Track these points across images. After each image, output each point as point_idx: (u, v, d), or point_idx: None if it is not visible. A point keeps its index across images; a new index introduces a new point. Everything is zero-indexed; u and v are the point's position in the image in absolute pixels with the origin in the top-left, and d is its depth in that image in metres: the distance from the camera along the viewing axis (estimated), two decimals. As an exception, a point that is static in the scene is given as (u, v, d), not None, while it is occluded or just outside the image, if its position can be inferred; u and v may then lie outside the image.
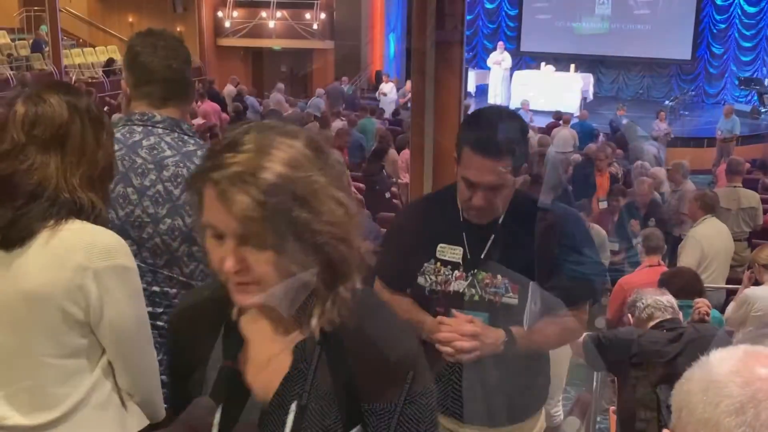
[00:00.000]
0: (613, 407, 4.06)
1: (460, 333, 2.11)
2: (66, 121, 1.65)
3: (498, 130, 2.11)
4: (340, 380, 1.23)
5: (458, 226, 2.25)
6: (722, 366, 1.05)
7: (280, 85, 17.50)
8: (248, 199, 1.11)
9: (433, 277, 2.26)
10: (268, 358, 1.27)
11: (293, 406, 1.22)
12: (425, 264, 2.27)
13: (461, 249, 2.24)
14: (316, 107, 15.79)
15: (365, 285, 1.27)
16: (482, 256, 2.22)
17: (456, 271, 2.24)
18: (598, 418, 4.59)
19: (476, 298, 2.22)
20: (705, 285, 5.20)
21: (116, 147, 1.89)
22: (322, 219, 1.15)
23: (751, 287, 4.94)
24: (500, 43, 19.51)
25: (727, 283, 5.95)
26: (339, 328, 1.22)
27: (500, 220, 2.23)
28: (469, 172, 2.12)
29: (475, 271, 2.22)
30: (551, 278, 2.19)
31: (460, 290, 2.24)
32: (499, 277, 2.20)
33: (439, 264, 2.26)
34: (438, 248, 2.26)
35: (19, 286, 1.59)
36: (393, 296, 2.37)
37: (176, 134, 2.08)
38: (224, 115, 13.96)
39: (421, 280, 2.28)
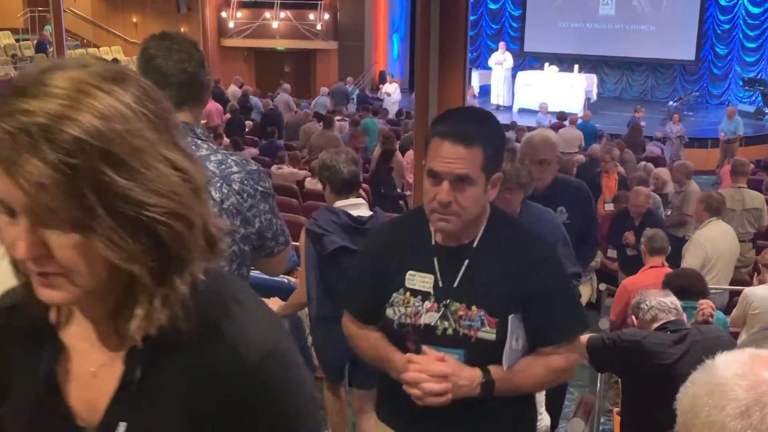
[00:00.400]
0: (616, 408, 4.06)
1: (429, 373, 1.88)
2: None
3: (468, 119, 1.94)
4: (177, 399, 0.96)
5: (429, 250, 2.01)
6: (728, 369, 1.04)
7: (287, 86, 17.54)
8: (39, 162, 0.83)
9: (402, 309, 2.01)
10: (94, 370, 1.00)
11: (121, 430, 0.97)
12: (394, 294, 2.03)
13: (432, 276, 1.99)
14: (322, 106, 15.85)
15: (214, 274, 1.00)
16: (455, 284, 1.97)
17: (426, 302, 1.99)
18: (602, 419, 4.59)
19: (449, 332, 1.97)
20: (709, 287, 5.20)
21: None
22: (149, 187, 0.88)
23: (751, 286, 4.95)
24: (502, 44, 19.51)
25: (732, 284, 5.93)
26: (173, 332, 0.93)
27: (475, 243, 2.00)
28: (435, 161, 1.89)
29: (448, 301, 1.97)
30: (535, 309, 1.97)
31: (432, 323, 1.98)
32: (474, 308, 1.95)
33: (408, 294, 2.01)
34: (407, 276, 2.02)
35: None
36: (360, 330, 2.17)
37: (189, 139, 2.06)
38: (228, 116, 13.99)
39: (389, 312, 2.04)
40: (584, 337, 3.51)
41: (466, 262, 1.98)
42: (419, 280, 2.00)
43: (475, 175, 1.88)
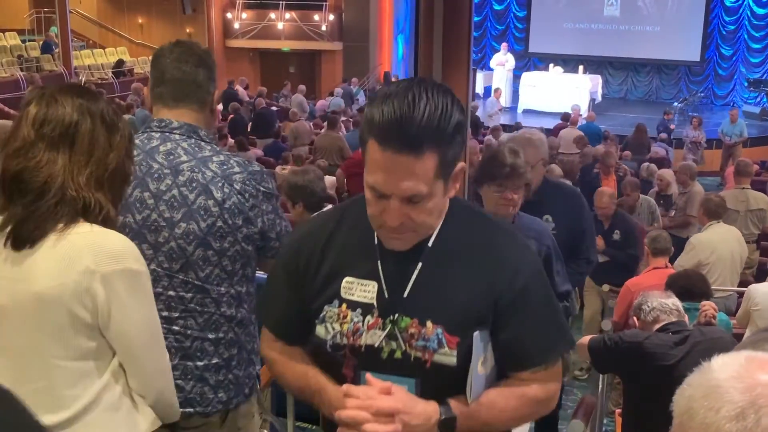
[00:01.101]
0: (619, 410, 4.06)
1: (372, 410, 1.46)
2: (76, 121, 1.66)
3: (414, 106, 1.40)
4: None
5: (372, 251, 1.58)
6: (723, 371, 1.04)
7: (302, 87, 17.67)
8: None
9: (336, 326, 1.59)
10: None
11: None
12: (326, 307, 1.61)
13: (375, 284, 1.58)
14: (337, 106, 15.95)
15: None
16: (405, 294, 1.56)
17: (368, 317, 1.57)
18: (605, 420, 4.59)
19: (398, 355, 1.55)
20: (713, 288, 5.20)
21: (134, 153, 1.92)
22: None
23: (754, 283, 4.96)
24: (504, 45, 19.54)
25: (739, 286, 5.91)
26: None
27: (431, 241, 1.57)
28: (375, 175, 1.45)
29: (396, 316, 1.55)
30: (508, 324, 1.56)
31: (375, 344, 1.56)
32: (429, 324, 1.54)
33: (344, 306, 1.59)
34: (343, 284, 1.60)
35: (28, 287, 1.61)
36: (282, 356, 1.72)
37: (193, 140, 2.12)
38: (231, 116, 14.05)
39: (320, 330, 1.62)
40: (586, 339, 3.52)
41: (419, 266, 1.57)
42: (359, 289, 1.60)
43: (431, 187, 1.46)
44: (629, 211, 7.17)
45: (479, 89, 19.21)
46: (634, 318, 3.44)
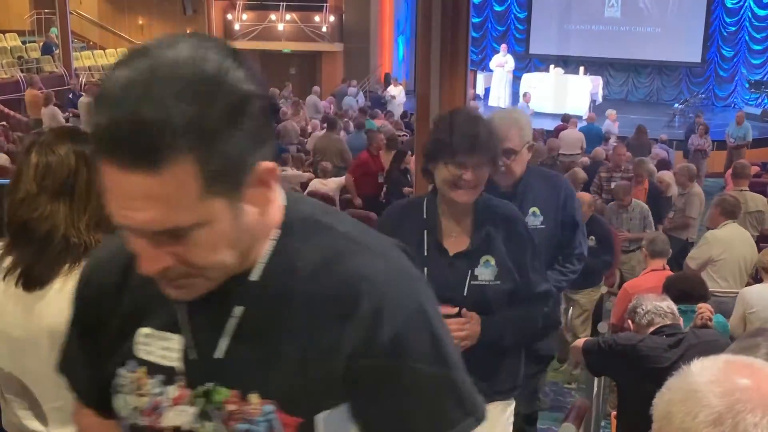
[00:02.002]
0: (615, 412, 4.05)
1: None
2: (74, 170, 1.78)
3: (150, 91, 0.88)
4: None
5: None
6: (702, 376, 1.04)
7: (316, 88, 17.77)
8: None
9: (133, 400, 1.12)
10: None
11: None
12: (120, 371, 1.13)
13: (178, 338, 1.09)
14: (349, 106, 16.01)
15: None
16: (219, 354, 1.07)
17: (172, 387, 1.10)
18: (603, 423, 4.57)
19: None
20: (720, 291, 5.20)
21: None
22: None
23: (747, 286, 4.96)
24: (503, 46, 19.53)
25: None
26: None
27: (255, 274, 1.07)
28: (109, 200, 0.94)
29: (211, 385, 1.07)
30: (374, 397, 1.06)
31: (183, 427, 1.09)
32: (254, 398, 1.05)
33: (143, 370, 1.12)
34: (139, 338, 1.12)
35: (40, 323, 1.76)
36: (90, 429, 1.29)
37: None
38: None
39: (117, 402, 1.14)
40: (580, 341, 3.51)
41: (240, 312, 1.06)
42: (158, 346, 1.11)
43: (199, 213, 0.94)
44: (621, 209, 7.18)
45: (480, 90, 19.19)
46: (629, 321, 3.44)
